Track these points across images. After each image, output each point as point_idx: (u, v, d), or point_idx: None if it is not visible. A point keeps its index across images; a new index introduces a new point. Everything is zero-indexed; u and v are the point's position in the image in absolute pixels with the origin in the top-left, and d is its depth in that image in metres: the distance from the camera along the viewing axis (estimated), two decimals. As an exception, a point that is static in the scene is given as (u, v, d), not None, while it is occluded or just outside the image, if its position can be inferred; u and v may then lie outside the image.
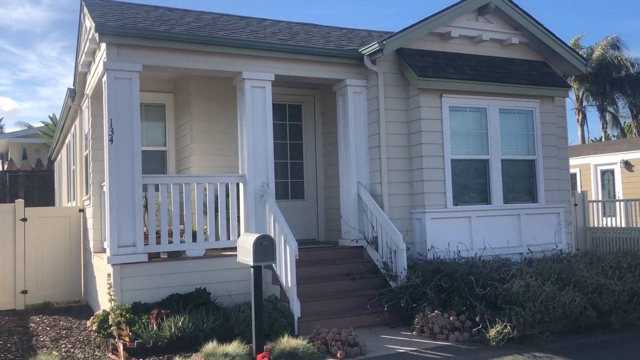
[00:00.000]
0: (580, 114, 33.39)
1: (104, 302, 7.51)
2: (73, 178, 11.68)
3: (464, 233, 8.64)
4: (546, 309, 6.55)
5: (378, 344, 6.37)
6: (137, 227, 7.32)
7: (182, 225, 7.92)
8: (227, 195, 8.09)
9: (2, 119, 63.07)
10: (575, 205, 12.87)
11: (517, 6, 9.27)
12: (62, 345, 6.92)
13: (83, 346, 6.85)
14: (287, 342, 5.85)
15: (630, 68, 30.62)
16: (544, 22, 9.45)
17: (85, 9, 8.62)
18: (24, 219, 9.97)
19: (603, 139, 33.99)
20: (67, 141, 13.24)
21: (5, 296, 9.79)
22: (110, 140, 7.29)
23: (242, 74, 8.10)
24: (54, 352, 6.32)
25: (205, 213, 8.06)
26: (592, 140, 36.20)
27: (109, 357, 6.23)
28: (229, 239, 7.97)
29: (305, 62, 8.55)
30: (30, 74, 74.15)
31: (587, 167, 20.05)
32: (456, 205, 8.69)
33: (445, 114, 8.69)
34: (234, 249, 7.16)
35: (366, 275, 7.94)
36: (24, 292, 9.88)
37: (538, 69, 9.62)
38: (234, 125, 9.02)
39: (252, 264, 5.64)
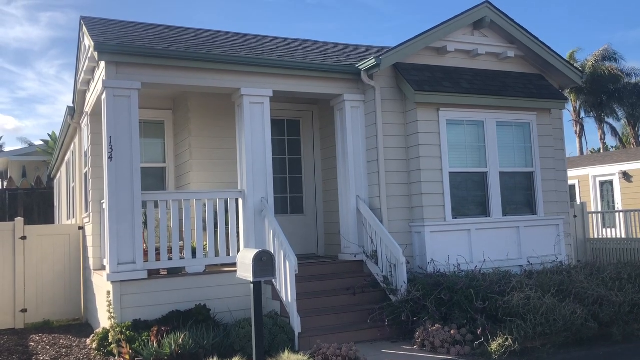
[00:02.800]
0: (578, 125, 33.53)
1: (104, 319, 7.49)
2: (73, 195, 11.70)
3: (463, 246, 8.64)
4: (547, 322, 6.53)
5: (379, 358, 6.34)
6: (137, 244, 7.32)
7: (181, 242, 7.93)
8: (227, 211, 8.10)
9: (1, 137, 63.18)
10: (575, 216, 12.89)
11: (512, 20, 9.37)
12: (62, 364, 6.88)
13: (83, 365, 6.82)
14: (287, 358, 5.83)
15: (626, 78, 30.77)
16: (539, 36, 9.55)
17: (84, 27, 8.70)
18: (24, 237, 9.97)
19: (601, 150, 34.07)
20: (66, 159, 13.27)
21: (5, 315, 9.75)
22: (110, 157, 7.32)
23: (241, 91, 8.15)
24: (54, 371, 6.29)
25: (204, 229, 8.07)
26: (590, 152, 36.26)
27: (109, 376, 6.20)
28: (229, 254, 7.97)
29: (303, 78, 8.61)
30: (29, 92, 74.40)
31: (586, 178, 20.08)
32: (455, 218, 8.70)
33: (443, 127, 8.73)
34: (234, 264, 7.15)
35: (366, 289, 7.93)
36: (24, 310, 9.85)
37: (534, 81, 9.69)
38: (232, 141, 9.06)
39: (251, 279, 5.64)
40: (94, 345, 6.91)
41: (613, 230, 14.32)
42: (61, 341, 8.29)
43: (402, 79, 8.71)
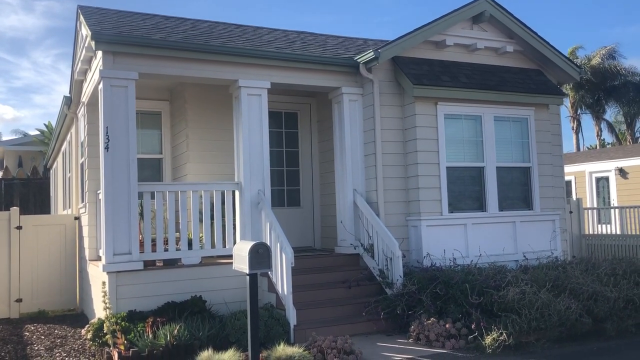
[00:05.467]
0: (575, 121, 33.56)
1: (99, 310, 7.48)
2: (69, 186, 11.66)
3: (459, 240, 8.65)
4: (542, 316, 6.55)
5: (374, 351, 6.36)
6: (133, 234, 7.30)
7: (177, 233, 7.91)
8: (223, 203, 8.08)
9: (-4, 127, 62.87)
10: (571, 212, 12.91)
11: (511, 15, 9.34)
12: (57, 354, 6.88)
13: (78, 355, 6.82)
14: (283, 350, 5.83)
15: (628, 76, 30.75)
16: (538, 30, 9.53)
17: (81, 17, 8.64)
18: (19, 227, 9.93)
19: (598, 147, 34.13)
20: (63, 149, 13.22)
21: (0, 305, 9.73)
22: (106, 147, 7.29)
23: (238, 82, 8.12)
24: (49, 361, 6.29)
25: (201, 221, 8.05)
26: (587, 148, 36.33)
27: (104, 366, 6.20)
28: (225, 246, 7.97)
29: (301, 70, 8.58)
30: (24, 81, 73.98)
31: (582, 174, 20.13)
32: (452, 212, 8.70)
33: (441, 121, 8.72)
34: (230, 256, 7.15)
35: (362, 282, 7.94)
36: (19, 300, 9.83)
37: (533, 77, 9.68)
38: (230, 133, 9.03)
39: (247, 271, 5.63)
40: (89, 336, 6.90)
41: (608, 226, 14.38)
42: (56, 331, 8.29)
43: (400, 72, 8.69)
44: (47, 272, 10.11)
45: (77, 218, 10.45)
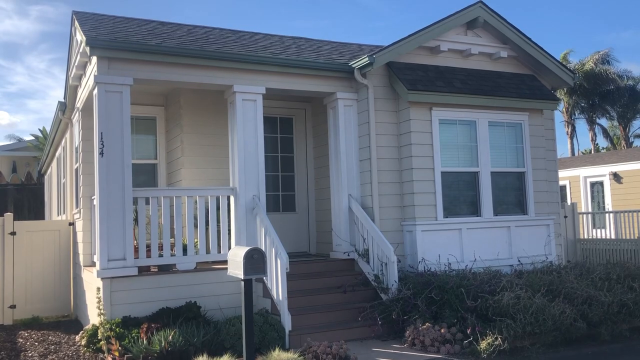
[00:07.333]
0: (570, 126, 33.70)
1: (94, 316, 7.45)
2: (63, 191, 11.62)
3: (454, 245, 8.66)
4: (536, 321, 6.56)
5: (369, 356, 6.35)
6: (127, 240, 7.28)
7: (172, 239, 7.90)
8: (218, 208, 8.08)
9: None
10: (565, 217, 12.95)
11: (505, 20, 9.39)
12: (51, 361, 6.84)
13: (72, 361, 6.78)
14: (278, 355, 5.82)
15: (624, 81, 30.94)
16: (533, 36, 9.59)
17: (76, 22, 8.65)
18: (13, 233, 9.90)
19: (592, 151, 34.27)
20: (57, 154, 13.19)
21: (-7, 311, 9.68)
22: (101, 153, 7.28)
23: (234, 87, 8.13)
24: (42, 368, 6.25)
25: (195, 226, 8.04)
26: (581, 153, 36.47)
27: (98, 372, 6.17)
28: (220, 252, 7.95)
29: (296, 76, 8.59)
30: (18, 86, 73.64)
31: (576, 179, 20.20)
32: (446, 217, 8.72)
33: (435, 126, 8.75)
34: (225, 262, 7.15)
35: (357, 287, 7.93)
36: (12, 306, 9.78)
37: (527, 82, 9.73)
38: (225, 138, 9.03)
39: (242, 277, 5.63)
40: (83, 342, 6.87)
41: (603, 230, 14.42)
42: (50, 337, 8.25)
43: (395, 77, 8.71)
44: (41, 278, 10.07)
45: (72, 224, 10.41)
